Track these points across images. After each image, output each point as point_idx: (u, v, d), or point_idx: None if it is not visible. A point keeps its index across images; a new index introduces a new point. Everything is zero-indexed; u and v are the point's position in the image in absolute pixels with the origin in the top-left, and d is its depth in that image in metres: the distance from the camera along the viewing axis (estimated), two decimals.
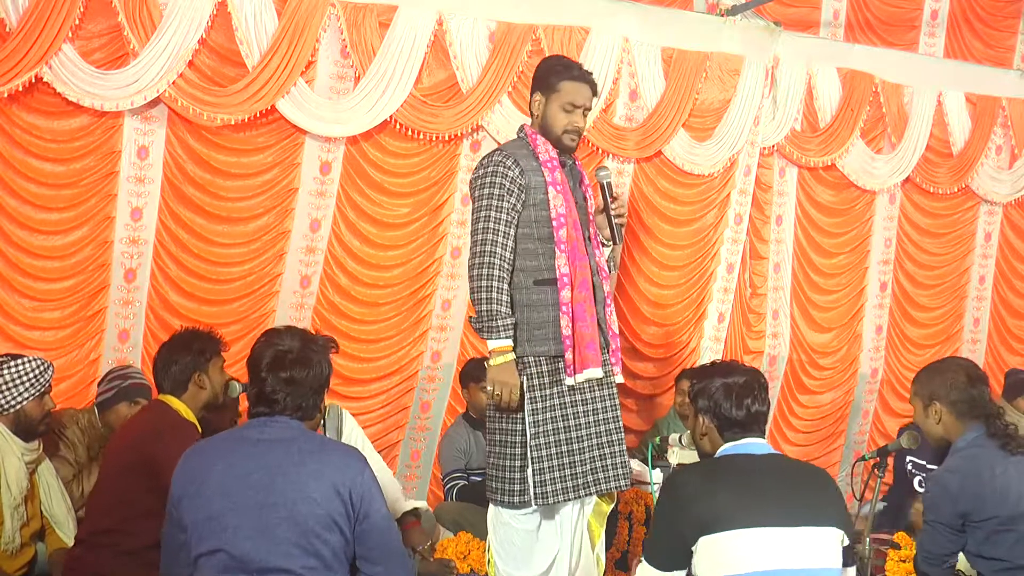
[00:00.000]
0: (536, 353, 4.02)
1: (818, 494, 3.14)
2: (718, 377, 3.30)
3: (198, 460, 3.04)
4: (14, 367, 4.19)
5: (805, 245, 7.06)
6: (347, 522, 2.95)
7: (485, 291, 3.95)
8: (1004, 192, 7.59)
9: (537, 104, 4.15)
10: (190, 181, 5.43)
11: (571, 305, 4.00)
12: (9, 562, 4.13)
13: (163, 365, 4.08)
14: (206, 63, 5.31)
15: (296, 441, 3.00)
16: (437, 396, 6.23)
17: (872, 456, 4.51)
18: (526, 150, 4.11)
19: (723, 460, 3.23)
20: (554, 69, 4.16)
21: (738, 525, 2.98)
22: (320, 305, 5.82)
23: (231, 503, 2.91)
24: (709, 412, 3.27)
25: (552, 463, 3.99)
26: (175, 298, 5.47)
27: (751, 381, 3.28)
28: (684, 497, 3.09)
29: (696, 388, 3.34)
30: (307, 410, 3.11)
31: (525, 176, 4.02)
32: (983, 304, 7.77)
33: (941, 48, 7.36)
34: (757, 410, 3.24)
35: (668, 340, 6.60)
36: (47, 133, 5.09)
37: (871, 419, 7.49)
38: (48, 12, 4.83)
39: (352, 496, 2.95)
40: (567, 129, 4.11)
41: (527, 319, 4.02)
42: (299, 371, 3.08)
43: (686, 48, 6.36)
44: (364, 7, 5.54)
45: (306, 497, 2.90)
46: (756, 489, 3.07)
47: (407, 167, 5.87)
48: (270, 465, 2.95)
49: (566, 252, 4.02)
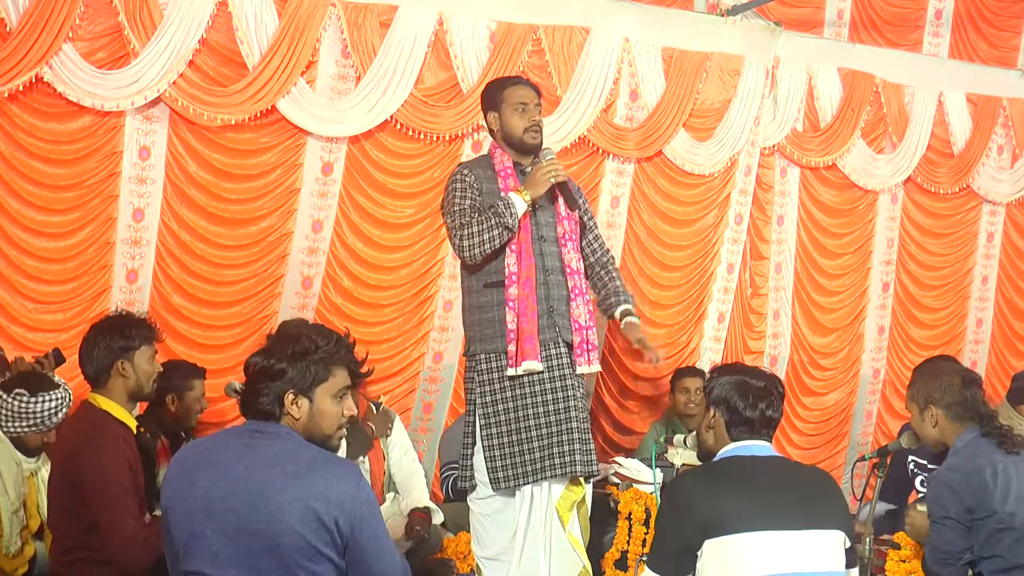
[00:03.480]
0: (486, 351, 4.28)
1: (821, 496, 3.14)
2: (739, 374, 3.30)
3: (185, 469, 2.85)
4: (28, 404, 4.09)
5: (808, 245, 7.05)
6: (335, 549, 2.73)
7: (477, 227, 4.18)
8: (1005, 192, 7.57)
9: (493, 121, 4.43)
10: (192, 182, 5.44)
11: (517, 301, 4.22)
12: (9, 562, 4.13)
13: (87, 347, 3.83)
14: (207, 63, 5.33)
15: (280, 460, 2.76)
16: (439, 397, 6.23)
17: (872, 456, 4.51)
18: (485, 163, 4.42)
19: (725, 462, 3.22)
20: (492, 87, 4.51)
21: (743, 528, 2.97)
22: (322, 306, 5.82)
23: (214, 526, 2.72)
24: (722, 404, 3.26)
25: (504, 451, 4.23)
26: (178, 300, 5.48)
27: (770, 387, 3.27)
28: (686, 500, 3.09)
29: (714, 379, 3.33)
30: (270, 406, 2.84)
31: (479, 182, 4.32)
32: (986, 305, 7.74)
33: (946, 48, 7.35)
34: (770, 416, 3.23)
35: (668, 340, 6.58)
36: (48, 134, 5.11)
37: (874, 420, 7.46)
38: (48, 12, 4.85)
39: (339, 523, 2.71)
40: (527, 127, 4.36)
41: (477, 319, 4.32)
42: None
43: (686, 48, 6.36)
44: (364, 7, 5.56)
45: (288, 529, 2.67)
46: (759, 492, 3.07)
47: (409, 168, 5.88)
48: (250, 489, 2.71)
49: (515, 252, 4.26)
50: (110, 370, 3.81)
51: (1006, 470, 3.76)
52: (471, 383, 4.35)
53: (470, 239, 4.18)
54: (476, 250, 4.18)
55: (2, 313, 5.14)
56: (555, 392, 4.25)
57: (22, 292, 5.16)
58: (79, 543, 3.69)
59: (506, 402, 4.25)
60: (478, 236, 4.17)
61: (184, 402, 4.83)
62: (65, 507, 3.71)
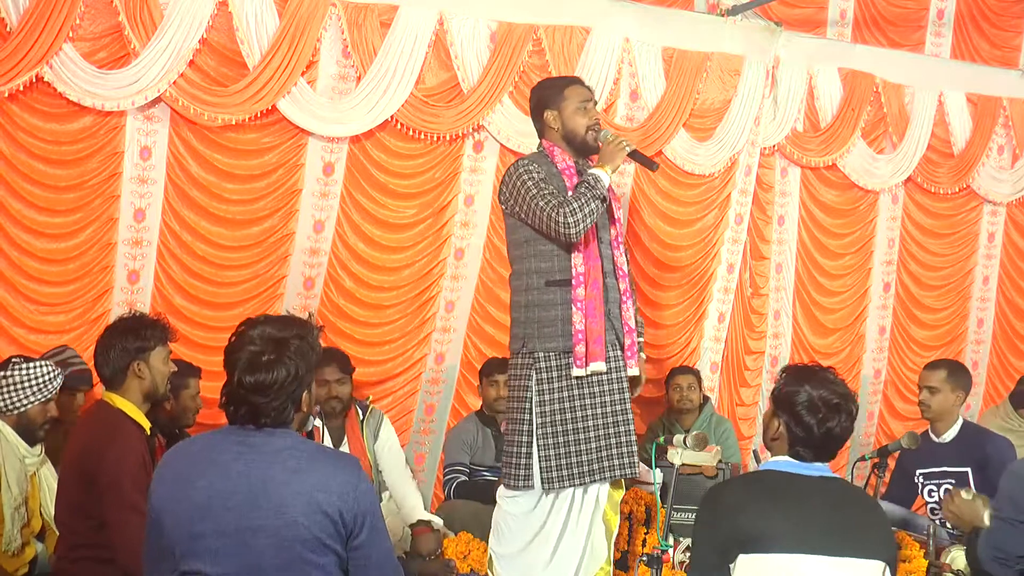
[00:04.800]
0: (546, 349, 4.27)
1: (865, 523, 3.03)
2: (810, 387, 3.09)
3: (179, 471, 2.84)
4: (25, 369, 4.21)
5: (809, 245, 7.05)
6: (339, 540, 2.77)
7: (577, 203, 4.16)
8: (1005, 192, 7.56)
9: (553, 119, 4.41)
10: (193, 183, 5.44)
11: (584, 302, 4.21)
12: (10, 562, 4.15)
13: (102, 349, 3.88)
14: (207, 63, 5.32)
15: (280, 456, 2.78)
16: (441, 399, 6.21)
17: (872, 456, 4.51)
18: (544, 160, 4.39)
19: (768, 474, 3.11)
20: (552, 85, 4.51)
21: (780, 548, 2.90)
22: (324, 307, 5.82)
23: (214, 525, 2.72)
24: (786, 419, 3.09)
25: (558, 451, 4.23)
26: (179, 301, 5.48)
27: (842, 404, 3.07)
28: (726, 507, 3.02)
29: (782, 390, 3.15)
30: (286, 411, 2.85)
31: (548, 177, 4.29)
32: (987, 305, 7.73)
33: (948, 48, 7.34)
34: (838, 436, 3.07)
35: (669, 341, 6.60)
36: (50, 135, 5.11)
37: (876, 421, 7.44)
38: (48, 12, 4.85)
39: (343, 515, 2.75)
40: (590, 126, 4.38)
41: (538, 317, 4.29)
42: (278, 373, 2.81)
43: (687, 48, 6.36)
44: (365, 7, 5.56)
45: (291, 522, 2.71)
46: (804, 511, 2.97)
47: (411, 168, 5.88)
48: (252, 486, 2.74)
49: (582, 252, 4.27)
50: (126, 371, 3.85)
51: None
52: (526, 380, 4.29)
53: (574, 215, 4.13)
54: (582, 225, 4.15)
55: (4, 314, 5.14)
56: (613, 394, 4.31)
57: (24, 293, 5.16)
58: (86, 541, 3.71)
59: (564, 402, 4.25)
60: (581, 211, 4.14)
61: (180, 400, 4.83)
62: (76, 503, 3.73)
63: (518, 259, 4.39)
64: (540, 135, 4.51)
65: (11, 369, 4.20)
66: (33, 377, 4.20)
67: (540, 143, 4.50)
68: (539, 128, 4.51)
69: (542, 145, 4.47)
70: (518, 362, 4.35)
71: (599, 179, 4.23)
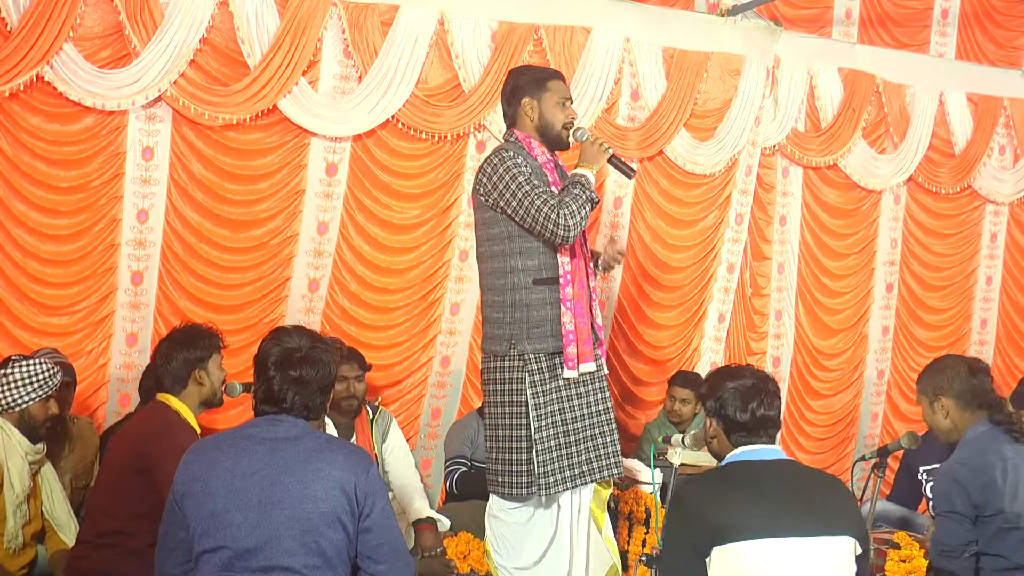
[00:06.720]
0: (536, 350, 4.17)
1: (830, 501, 3.11)
2: (727, 380, 3.28)
3: (203, 457, 3.07)
4: (25, 366, 4.24)
5: (812, 246, 7.04)
6: (351, 519, 2.98)
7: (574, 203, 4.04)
8: (1007, 192, 7.55)
9: (531, 108, 4.26)
10: (196, 183, 5.44)
11: (573, 301, 4.14)
12: (11, 561, 4.16)
13: (163, 360, 4.08)
14: (208, 62, 5.33)
15: (301, 440, 3.04)
16: (447, 403, 6.19)
17: (872, 456, 4.50)
18: (523, 152, 4.22)
19: (732, 467, 3.20)
20: (534, 74, 4.38)
21: (752, 535, 2.96)
22: (329, 310, 5.81)
23: (235, 500, 2.95)
24: (716, 415, 3.27)
25: (553, 455, 4.15)
26: (184, 303, 5.47)
27: (759, 385, 3.25)
28: (694, 505, 3.08)
29: (705, 391, 3.34)
30: (313, 409, 3.15)
31: (532, 171, 4.14)
32: (991, 305, 7.71)
33: (952, 48, 7.34)
34: (764, 414, 3.21)
35: (670, 342, 6.60)
36: (52, 136, 5.11)
37: (880, 422, 7.44)
38: (49, 11, 4.86)
39: (357, 492, 2.98)
40: (566, 124, 4.27)
41: (526, 317, 4.16)
42: (307, 370, 3.11)
43: (687, 48, 6.36)
44: (366, 7, 5.57)
45: (310, 495, 2.94)
46: (768, 497, 3.05)
47: (414, 169, 5.88)
48: (275, 463, 2.98)
49: (568, 249, 4.17)
50: (187, 380, 4.07)
51: (1016, 468, 3.75)
52: (518, 383, 4.15)
53: (572, 216, 4.00)
54: (579, 228, 4.05)
55: (8, 317, 5.14)
56: (596, 393, 4.28)
57: (28, 296, 5.17)
58: (117, 528, 3.83)
59: (555, 403, 4.17)
60: (578, 214, 4.03)
61: None
62: (123, 489, 3.86)
63: (498, 255, 4.19)
64: (510, 122, 4.33)
65: (11, 367, 4.23)
66: (33, 374, 4.22)
67: (511, 132, 4.31)
68: (510, 114, 4.32)
69: (514, 134, 4.29)
70: (503, 364, 4.18)
71: (591, 180, 4.13)
